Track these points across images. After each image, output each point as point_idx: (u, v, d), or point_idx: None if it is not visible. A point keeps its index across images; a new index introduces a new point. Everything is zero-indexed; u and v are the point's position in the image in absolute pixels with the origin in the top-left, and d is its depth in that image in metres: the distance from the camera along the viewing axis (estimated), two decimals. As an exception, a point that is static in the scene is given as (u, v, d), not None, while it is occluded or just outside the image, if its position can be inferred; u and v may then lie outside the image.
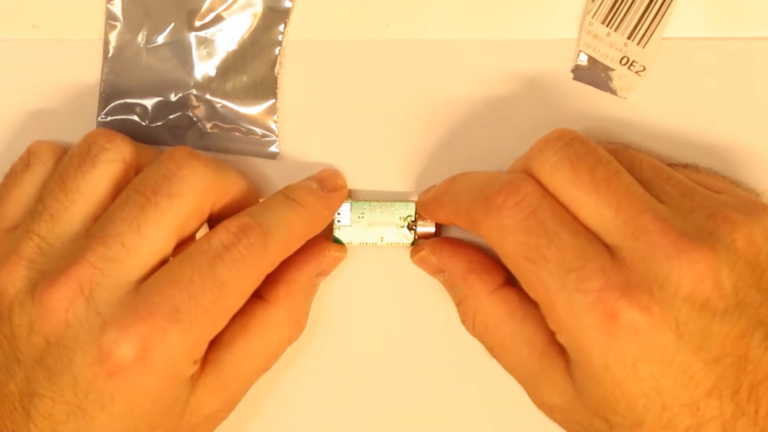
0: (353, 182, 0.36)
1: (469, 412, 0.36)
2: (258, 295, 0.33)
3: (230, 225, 0.31)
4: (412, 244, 0.35)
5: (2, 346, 0.30)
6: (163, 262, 0.31)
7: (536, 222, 0.29)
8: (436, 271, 0.34)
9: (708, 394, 0.27)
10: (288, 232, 0.32)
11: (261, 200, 0.36)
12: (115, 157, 0.32)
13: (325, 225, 0.34)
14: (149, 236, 0.30)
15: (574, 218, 0.29)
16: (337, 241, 0.35)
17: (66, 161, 0.32)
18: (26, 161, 0.34)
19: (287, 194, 0.33)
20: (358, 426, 0.37)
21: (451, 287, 0.34)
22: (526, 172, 0.30)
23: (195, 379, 0.31)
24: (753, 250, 0.28)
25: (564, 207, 0.29)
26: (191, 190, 0.31)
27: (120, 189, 0.32)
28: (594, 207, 0.29)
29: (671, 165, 0.32)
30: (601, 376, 0.28)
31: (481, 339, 0.33)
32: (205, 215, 0.32)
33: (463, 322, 0.33)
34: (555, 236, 0.28)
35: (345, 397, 0.37)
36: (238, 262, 0.30)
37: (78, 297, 0.29)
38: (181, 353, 0.30)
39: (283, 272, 0.33)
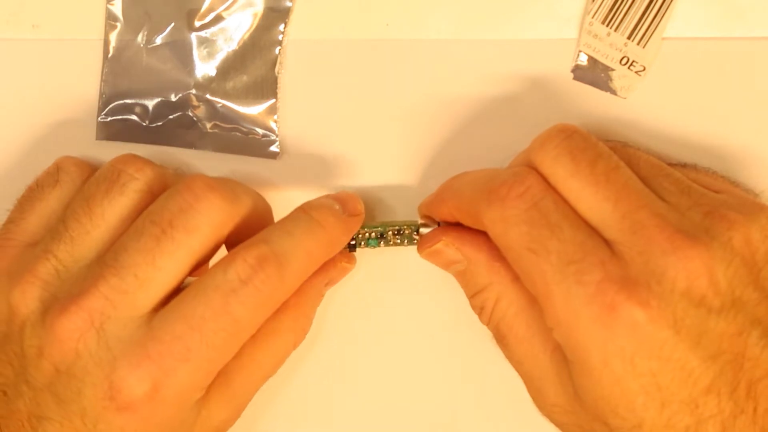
0: (353, 182, 0.36)
1: (474, 415, 0.37)
2: None
3: (247, 256, 0.30)
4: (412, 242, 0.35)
5: (12, 364, 0.30)
6: (177, 290, 0.31)
7: (539, 213, 0.29)
8: (448, 264, 0.34)
9: (706, 392, 0.27)
10: (305, 259, 0.31)
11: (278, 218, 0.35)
12: (142, 188, 0.32)
13: (340, 249, 0.34)
14: (163, 269, 0.30)
15: (575, 212, 0.29)
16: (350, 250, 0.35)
17: (93, 185, 0.32)
18: (55, 177, 0.33)
19: (309, 212, 0.32)
20: (360, 428, 0.37)
21: (471, 277, 0.33)
22: (528, 166, 0.30)
23: (204, 395, 0.31)
24: (750, 249, 0.28)
25: (565, 200, 0.29)
26: (208, 224, 0.30)
27: (138, 215, 0.31)
28: (593, 200, 0.29)
29: (670, 164, 0.32)
30: (600, 372, 0.28)
31: (496, 328, 0.32)
32: (221, 244, 0.32)
33: (480, 310, 0.33)
34: (557, 228, 0.29)
35: (347, 400, 0.37)
36: (252, 297, 0.30)
37: (89, 329, 0.29)
38: (192, 386, 0.30)
39: None
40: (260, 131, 0.36)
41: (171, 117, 0.36)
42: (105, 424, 0.29)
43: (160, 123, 0.36)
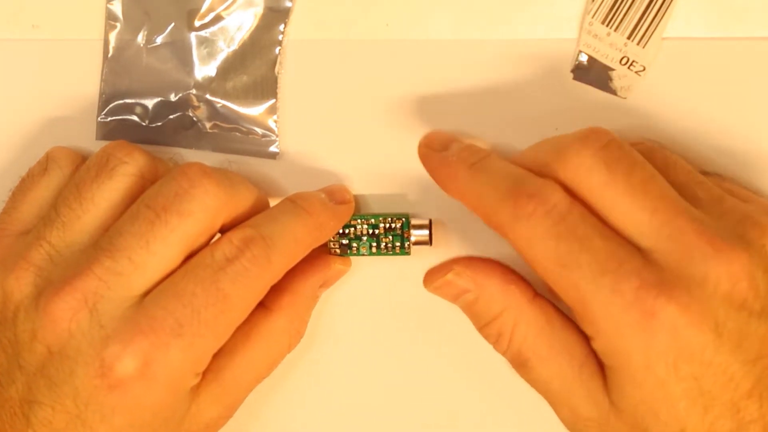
0: (353, 182, 0.36)
1: (471, 419, 0.37)
2: (260, 303, 0.33)
3: (233, 237, 0.31)
4: (405, 252, 0.35)
5: (5, 351, 0.30)
6: (170, 275, 0.31)
7: (566, 228, 0.29)
8: (458, 295, 0.34)
9: (748, 396, 0.27)
10: (292, 242, 0.32)
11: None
12: (132, 171, 0.32)
13: (331, 235, 0.34)
14: (157, 253, 0.30)
15: (604, 223, 0.29)
16: (342, 254, 0.35)
17: (83, 171, 0.32)
18: (44, 166, 0.34)
19: (295, 201, 0.33)
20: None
21: (484, 304, 0.33)
22: (556, 169, 0.30)
23: (196, 387, 0.31)
24: None
25: (594, 211, 0.29)
26: (202, 209, 0.31)
27: (133, 201, 0.32)
28: (629, 210, 0.29)
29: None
30: (642, 377, 0.28)
31: (518, 352, 0.32)
32: (216, 231, 0.32)
33: (496, 338, 0.33)
34: (586, 240, 0.28)
35: (341, 404, 0.37)
36: (241, 275, 0.30)
37: (82, 308, 0.29)
38: (184, 367, 0.30)
39: (287, 282, 0.33)
40: (260, 131, 0.36)
41: (171, 117, 0.36)
42: (96, 405, 0.29)
43: (159, 123, 0.36)
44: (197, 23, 0.36)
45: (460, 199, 0.32)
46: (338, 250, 0.35)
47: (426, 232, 0.35)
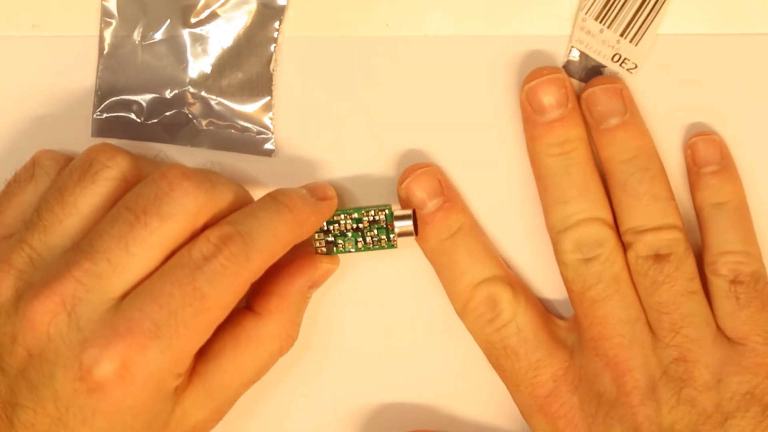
0: (349, 179, 0.36)
1: (463, 413, 0.37)
2: (249, 308, 0.33)
3: (211, 235, 0.30)
4: (392, 245, 0.35)
5: None
6: (150, 276, 0.31)
7: (500, 338, 0.34)
8: None
9: None
10: (272, 239, 0.32)
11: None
12: (115, 175, 0.32)
13: (312, 232, 0.34)
14: (136, 255, 0.30)
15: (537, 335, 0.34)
16: (329, 252, 0.35)
17: (66, 175, 0.32)
18: (31, 171, 0.34)
19: (276, 197, 0.33)
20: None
21: None
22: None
23: (181, 390, 0.31)
24: None
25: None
26: (182, 211, 0.30)
27: (113, 204, 0.32)
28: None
29: None
30: None
31: None
32: (197, 233, 0.31)
33: None
34: (512, 351, 0.34)
35: (336, 404, 0.37)
36: (218, 274, 0.30)
37: (60, 311, 0.29)
38: (163, 369, 0.30)
39: (274, 285, 0.34)
40: (255, 129, 0.36)
41: (166, 114, 0.36)
42: (76, 407, 0.29)
43: (155, 120, 0.36)
44: (192, 20, 0.36)
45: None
46: (324, 249, 0.35)
47: (409, 222, 0.35)
